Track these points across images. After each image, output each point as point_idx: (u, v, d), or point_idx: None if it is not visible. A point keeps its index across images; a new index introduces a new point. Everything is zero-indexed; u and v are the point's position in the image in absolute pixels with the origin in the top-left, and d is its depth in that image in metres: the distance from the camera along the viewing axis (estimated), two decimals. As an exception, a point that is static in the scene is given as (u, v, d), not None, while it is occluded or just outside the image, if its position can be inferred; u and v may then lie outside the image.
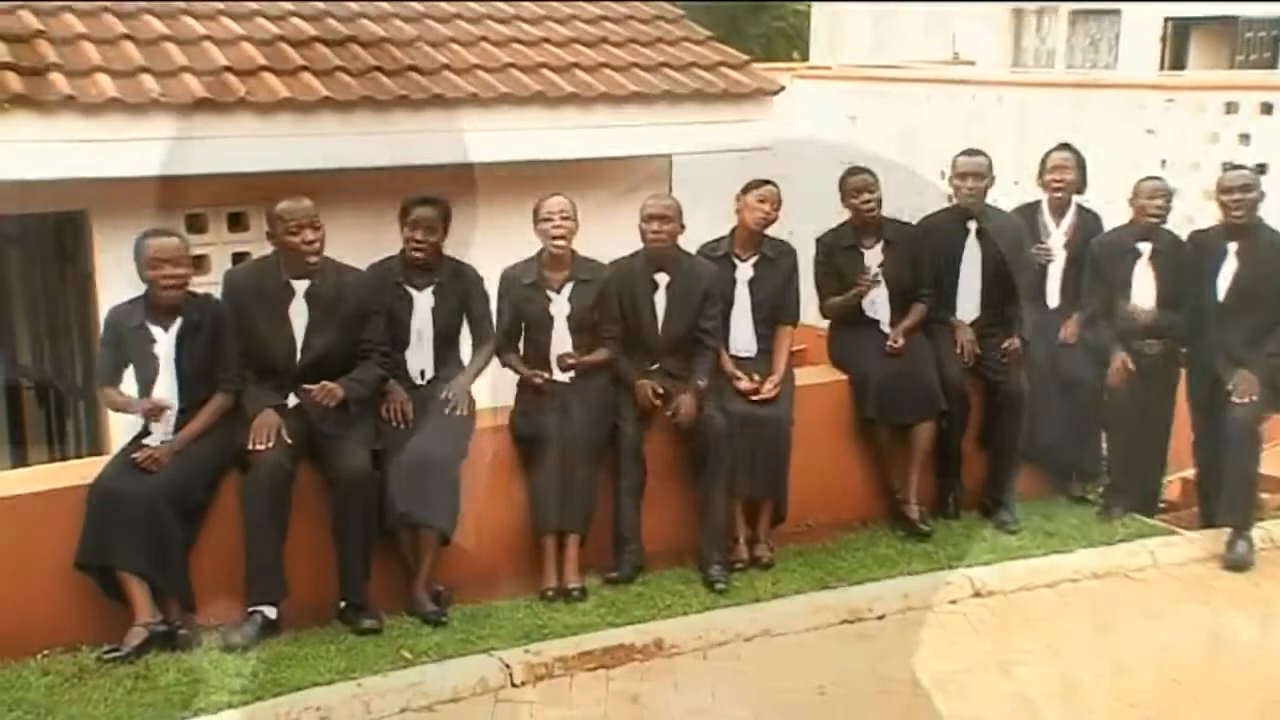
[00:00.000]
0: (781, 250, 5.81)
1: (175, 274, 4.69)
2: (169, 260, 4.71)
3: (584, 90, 6.76)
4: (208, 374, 4.81)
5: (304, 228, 4.83)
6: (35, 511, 4.60)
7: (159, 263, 4.70)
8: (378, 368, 5.00)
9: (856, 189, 5.92)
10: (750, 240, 5.75)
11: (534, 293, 5.34)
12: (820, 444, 5.85)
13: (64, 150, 5.60)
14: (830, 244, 6.04)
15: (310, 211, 4.86)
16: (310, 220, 4.84)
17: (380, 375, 4.99)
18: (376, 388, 4.98)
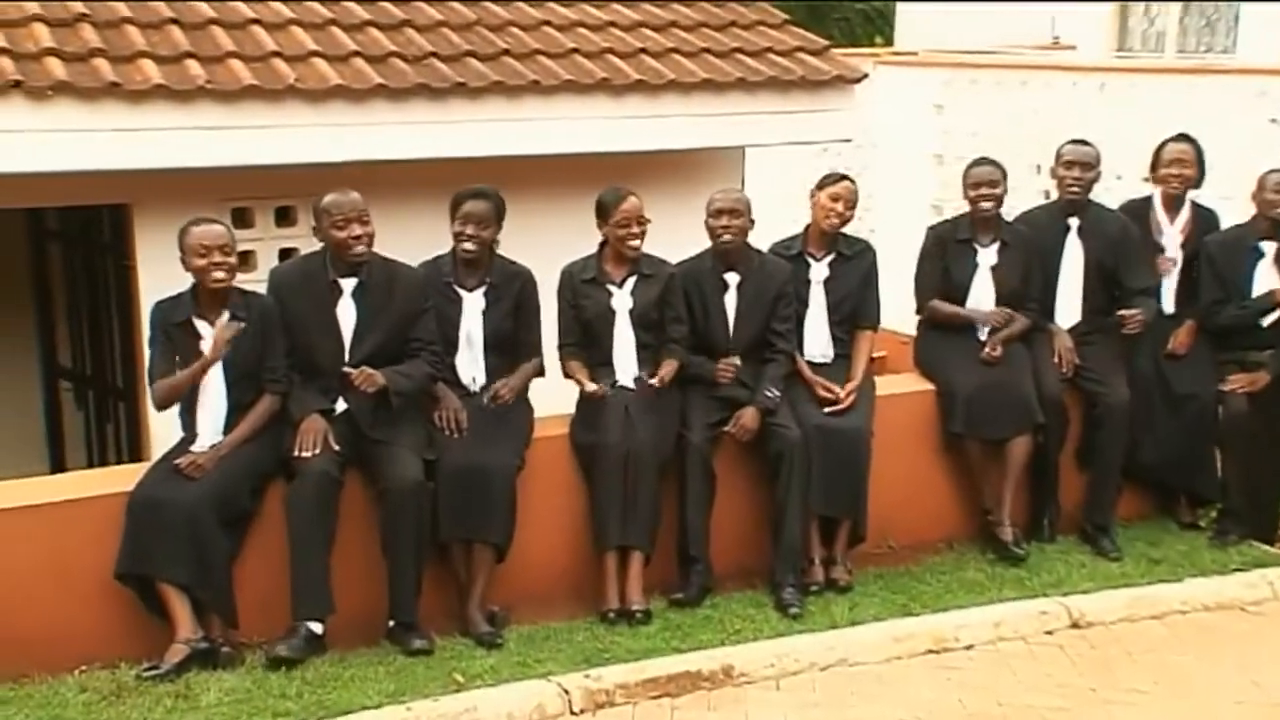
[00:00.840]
0: (859, 249, 5.79)
1: (223, 262, 4.75)
2: (216, 248, 4.77)
3: (651, 77, 6.77)
4: (255, 374, 4.87)
5: (350, 222, 4.87)
6: (73, 520, 4.69)
7: (206, 249, 4.75)
8: (426, 365, 5.03)
9: (977, 182, 5.87)
10: (825, 238, 5.73)
11: (594, 288, 5.36)
12: (903, 458, 5.81)
13: (107, 140, 5.71)
14: (943, 235, 5.98)
15: (358, 205, 4.91)
16: (358, 215, 4.89)
17: (428, 372, 5.02)
18: (423, 385, 5.01)
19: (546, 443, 5.31)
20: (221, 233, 4.81)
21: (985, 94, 10.85)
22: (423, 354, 5.03)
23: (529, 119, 6.45)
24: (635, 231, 5.28)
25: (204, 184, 6.19)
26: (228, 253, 4.79)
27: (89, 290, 7.46)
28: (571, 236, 5.61)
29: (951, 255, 5.92)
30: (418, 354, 5.02)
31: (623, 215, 5.29)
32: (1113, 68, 10.66)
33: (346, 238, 4.87)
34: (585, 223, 5.46)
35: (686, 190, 6.70)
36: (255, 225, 6.58)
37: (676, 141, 6.87)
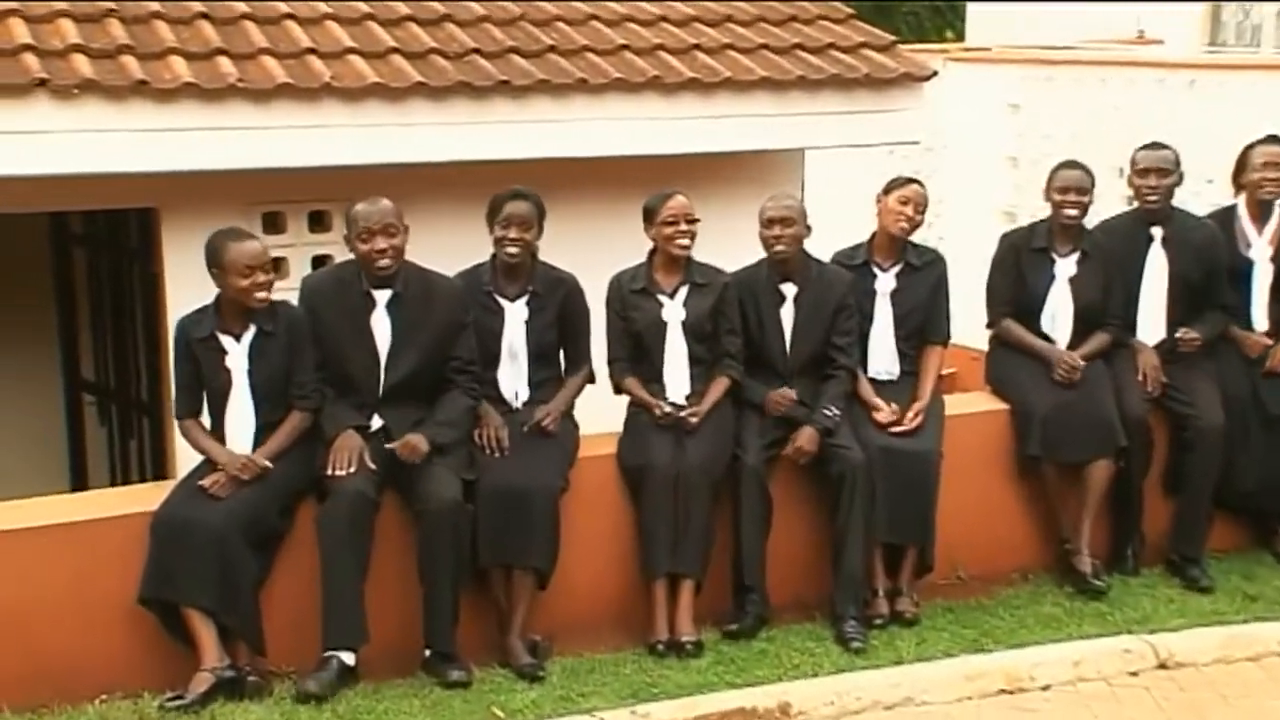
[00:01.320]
0: (929, 259, 5.76)
1: (266, 281, 4.83)
2: (259, 267, 4.84)
3: (705, 75, 6.77)
4: (283, 389, 4.91)
5: (375, 235, 4.89)
6: (95, 540, 4.73)
7: (250, 269, 4.82)
8: (466, 396, 5.05)
9: (1065, 187, 5.83)
10: (892, 247, 5.70)
11: (644, 298, 5.37)
12: (974, 482, 5.77)
13: (134, 140, 5.78)
14: (1019, 243, 5.95)
15: (386, 216, 4.92)
16: (383, 227, 4.89)
17: (470, 406, 5.05)
18: (468, 424, 5.04)
19: (592, 463, 5.31)
20: (261, 250, 4.87)
21: (1063, 92, 10.77)
22: (460, 378, 5.04)
23: (576, 119, 6.48)
24: (683, 229, 5.30)
25: (234, 187, 6.26)
26: (269, 270, 4.86)
27: (114, 298, 7.56)
28: (621, 244, 5.63)
29: (1027, 265, 5.88)
30: (456, 377, 5.04)
31: (669, 213, 5.31)
32: (1203, 64, 10.55)
33: (370, 250, 4.90)
34: (635, 229, 5.47)
35: (742, 195, 6.69)
36: (287, 231, 6.64)
37: (732, 143, 6.86)
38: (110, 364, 7.78)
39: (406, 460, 4.84)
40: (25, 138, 5.64)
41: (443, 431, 4.94)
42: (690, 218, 5.32)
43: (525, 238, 5.18)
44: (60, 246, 7.94)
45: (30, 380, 7.98)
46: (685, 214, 5.30)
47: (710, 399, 5.33)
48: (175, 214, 6.34)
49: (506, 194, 5.22)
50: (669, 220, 5.30)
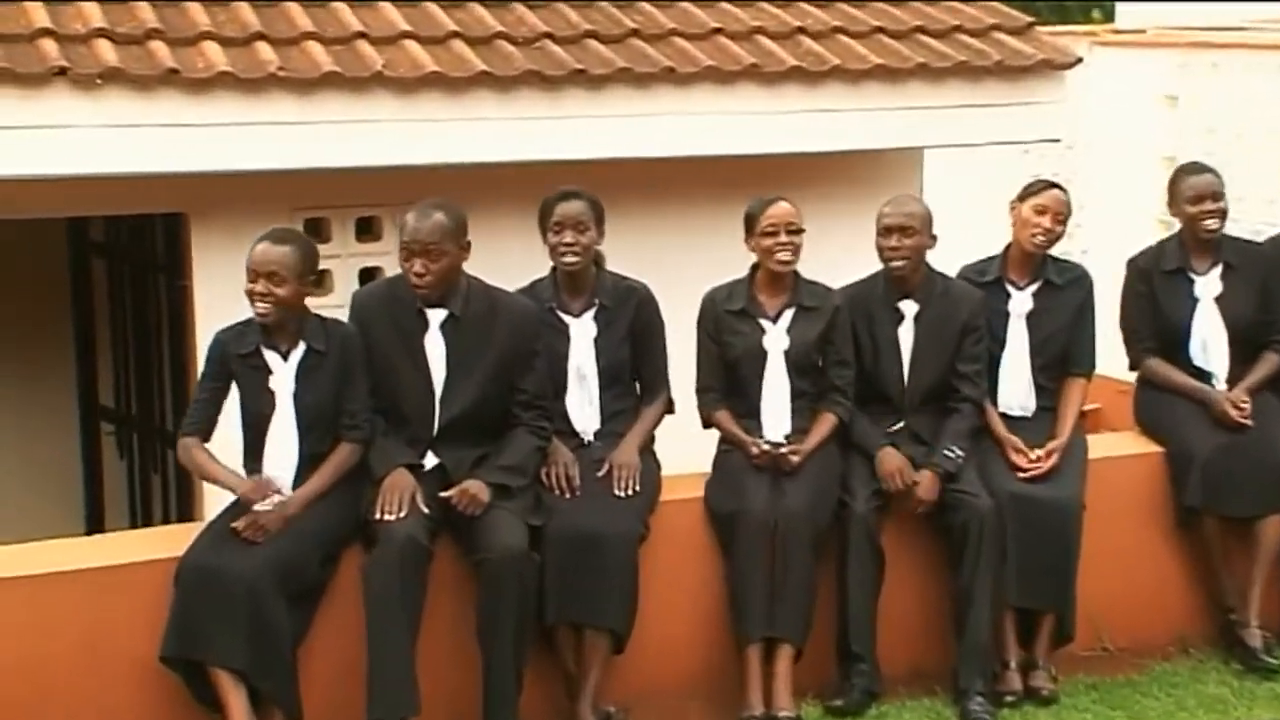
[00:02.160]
0: (1072, 276, 5.73)
1: (268, 292, 4.84)
2: (265, 275, 4.85)
3: (811, 64, 6.77)
4: (332, 417, 4.95)
5: (414, 256, 4.92)
6: (113, 590, 4.80)
7: (253, 276, 4.85)
8: (535, 437, 5.06)
9: (1195, 195, 5.79)
10: (1029, 262, 5.67)
11: (742, 321, 5.37)
12: (1123, 538, 5.72)
13: (162, 137, 5.90)
14: (1148, 267, 5.91)
15: (431, 235, 4.90)
16: (423, 247, 4.89)
17: (536, 447, 5.07)
18: (535, 469, 5.06)
19: (676, 507, 5.31)
20: (273, 255, 4.86)
21: (1230, 80, 10.63)
22: (527, 414, 5.06)
23: (662, 114, 6.51)
24: (784, 241, 5.30)
25: (273, 190, 6.35)
26: (277, 280, 4.84)
27: (137, 315, 7.69)
28: (712, 257, 5.64)
29: (1162, 291, 5.85)
30: (521, 413, 5.05)
31: (769, 222, 5.31)
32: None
33: (409, 272, 4.94)
34: (727, 241, 5.47)
35: (853, 201, 6.69)
36: (332, 239, 6.72)
37: (841, 141, 6.86)
38: (132, 389, 7.90)
39: (465, 511, 4.85)
40: (41, 133, 5.77)
41: (507, 477, 4.96)
42: (793, 227, 5.32)
43: (582, 241, 5.19)
44: (78, 256, 8.10)
45: (42, 405, 8.13)
46: (787, 223, 5.30)
47: (815, 438, 5.32)
48: (206, 220, 6.46)
49: (556, 194, 5.26)
50: (768, 230, 5.31)
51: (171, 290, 6.96)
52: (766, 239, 5.31)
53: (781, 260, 5.31)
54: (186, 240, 6.56)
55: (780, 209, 5.32)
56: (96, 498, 8.20)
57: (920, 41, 7.08)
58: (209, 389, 4.96)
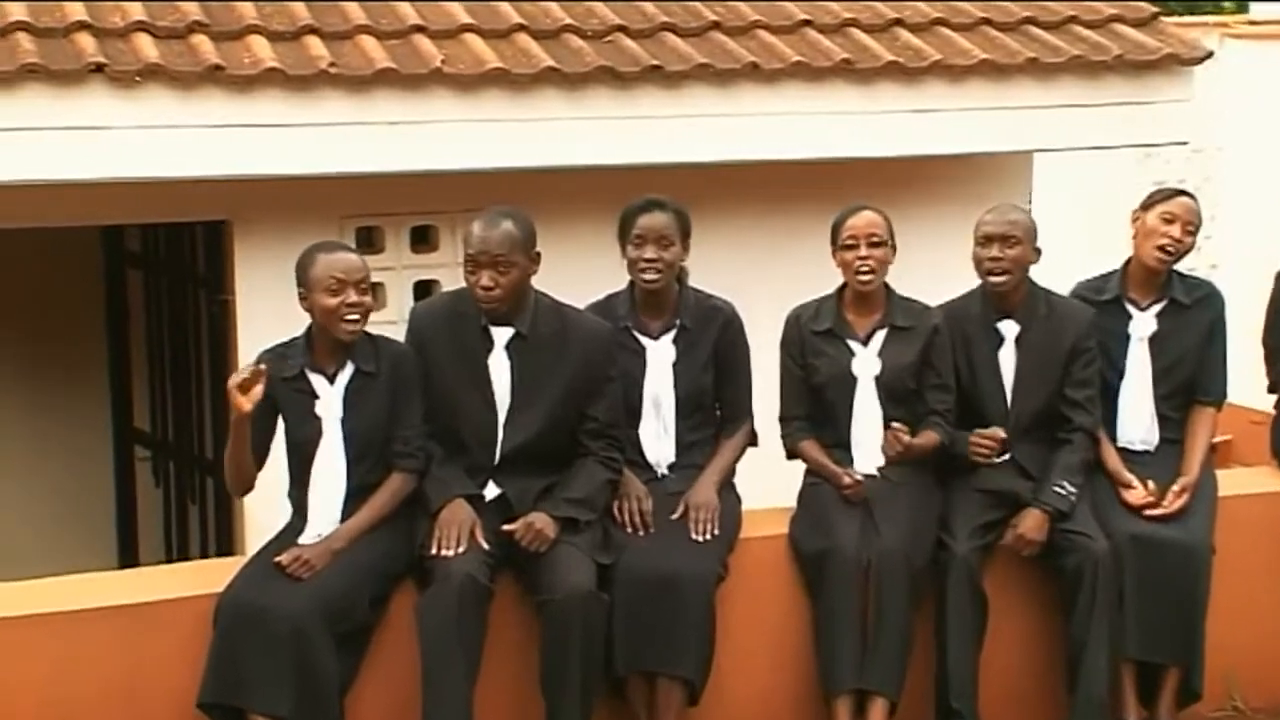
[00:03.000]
0: (1200, 294, 5.69)
1: (359, 303, 4.88)
2: (354, 283, 4.88)
3: (909, 59, 6.79)
4: (383, 445, 4.98)
5: (481, 269, 4.92)
6: (147, 628, 4.85)
7: (342, 285, 4.86)
8: (605, 468, 5.07)
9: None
10: (1152, 278, 5.63)
11: (829, 343, 5.38)
12: (1256, 585, 5.68)
13: (204, 138, 6.00)
14: None
15: (499, 246, 4.91)
16: (491, 259, 4.90)
17: (606, 480, 5.09)
18: (605, 503, 5.09)
19: (757, 545, 5.31)
20: (356, 263, 4.93)
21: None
22: (596, 444, 5.08)
23: (745, 114, 6.54)
24: (863, 255, 5.27)
25: (323, 196, 6.44)
26: (364, 289, 4.91)
27: (175, 331, 7.80)
28: (802, 272, 5.62)
29: None
30: (591, 443, 5.07)
31: (848, 233, 5.30)
32: None
33: (474, 284, 4.97)
34: (821, 253, 5.46)
35: (954, 210, 6.67)
36: (385, 250, 6.81)
37: (941, 144, 6.87)
38: (169, 412, 8.00)
39: (530, 548, 4.89)
40: (75, 135, 5.89)
41: (575, 511, 4.98)
42: (875, 239, 5.29)
43: (665, 257, 5.20)
44: (113, 268, 8.24)
45: (73, 429, 8.27)
46: (869, 234, 5.29)
47: (921, 440, 5.28)
48: (251, 229, 6.56)
49: (638, 204, 5.26)
50: (847, 242, 5.30)
51: (212, 305, 7.07)
52: (847, 252, 5.31)
53: (860, 279, 5.31)
54: (229, 251, 6.67)
55: (861, 219, 5.31)
56: (130, 528, 8.32)
57: (1030, 34, 7.07)
58: (256, 415, 4.92)
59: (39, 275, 8.02)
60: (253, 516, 6.26)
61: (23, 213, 6.30)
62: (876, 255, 5.28)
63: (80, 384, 8.23)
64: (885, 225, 5.33)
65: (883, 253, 5.30)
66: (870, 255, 5.27)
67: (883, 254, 5.30)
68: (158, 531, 8.11)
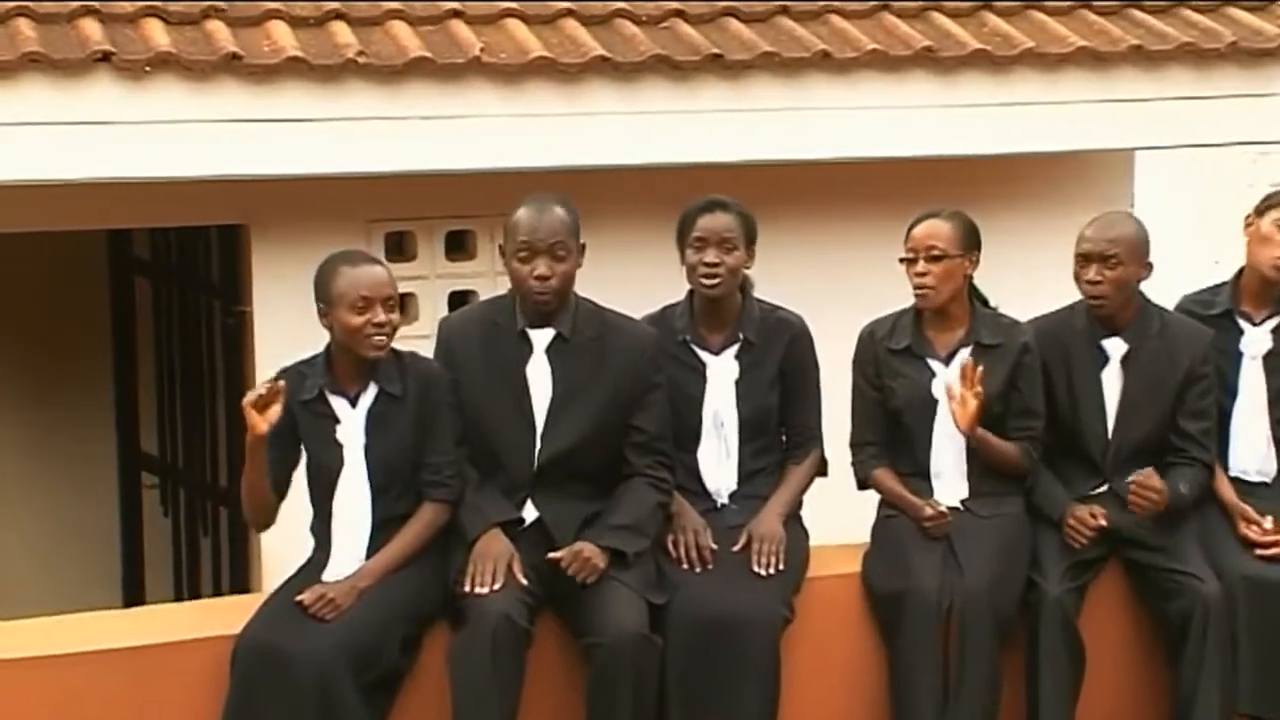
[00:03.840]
0: (1324, 308, 5.64)
1: (387, 321, 4.89)
2: (382, 300, 4.89)
3: (998, 47, 6.78)
4: (412, 472, 4.99)
5: (538, 255, 4.95)
6: (155, 673, 4.85)
7: (368, 304, 4.87)
8: (655, 490, 5.07)
9: None
10: (1267, 289, 5.61)
11: (907, 363, 5.37)
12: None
13: (220, 135, 6.04)
14: None
15: (556, 232, 4.95)
16: (549, 245, 4.93)
17: (659, 503, 5.09)
18: (657, 529, 5.09)
19: (827, 585, 5.30)
20: (384, 278, 4.93)
21: None
22: (643, 460, 5.08)
23: (815, 108, 6.56)
24: (921, 270, 5.28)
25: (349, 198, 6.49)
26: (392, 306, 4.91)
27: (187, 345, 7.83)
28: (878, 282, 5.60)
29: None
30: (637, 459, 5.08)
31: (908, 245, 5.32)
32: None
33: (528, 275, 4.97)
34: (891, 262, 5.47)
35: (1047, 213, 6.67)
36: (417, 257, 6.83)
37: (1034, 142, 6.87)
38: (179, 434, 8.04)
39: (578, 578, 4.88)
40: (79, 131, 5.94)
41: (623, 540, 4.97)
42: (934, 251, 5.26)
43: (728, 262, 5.19)
44: (120, 276, 8.29)
45: (75, 452, 8.32)
46: (927, 245, 5.27)
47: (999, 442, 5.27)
48: (271, 234, 6.60)
49: (699, 204, 5.27)
50: (908, 255, 5.31)
51: (227, 317, 7.10)
52: (908, 266, 5.32)
53: (917, 293, 5.30)
54: (246, 258, 6.72)
55: (921, 230, 5.30)
56: (136, 562, 8.37)
57: (1134, 19, 7.05)
58: (275, 442, 4.94)
59: (39, 284, 8.07)
60: (271, 551, 6.28)
61: (21, 216, 6.36)
62: (935, 271, 5.26)
63: (82, 403, 8.28)
64: (952, 235, 5.30)
65: (943, 268, 5.27)
66: (928, 271, 5.27)
67: (943, 269, 5.27)
68: (166, 566, 8.15)
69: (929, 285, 5.27)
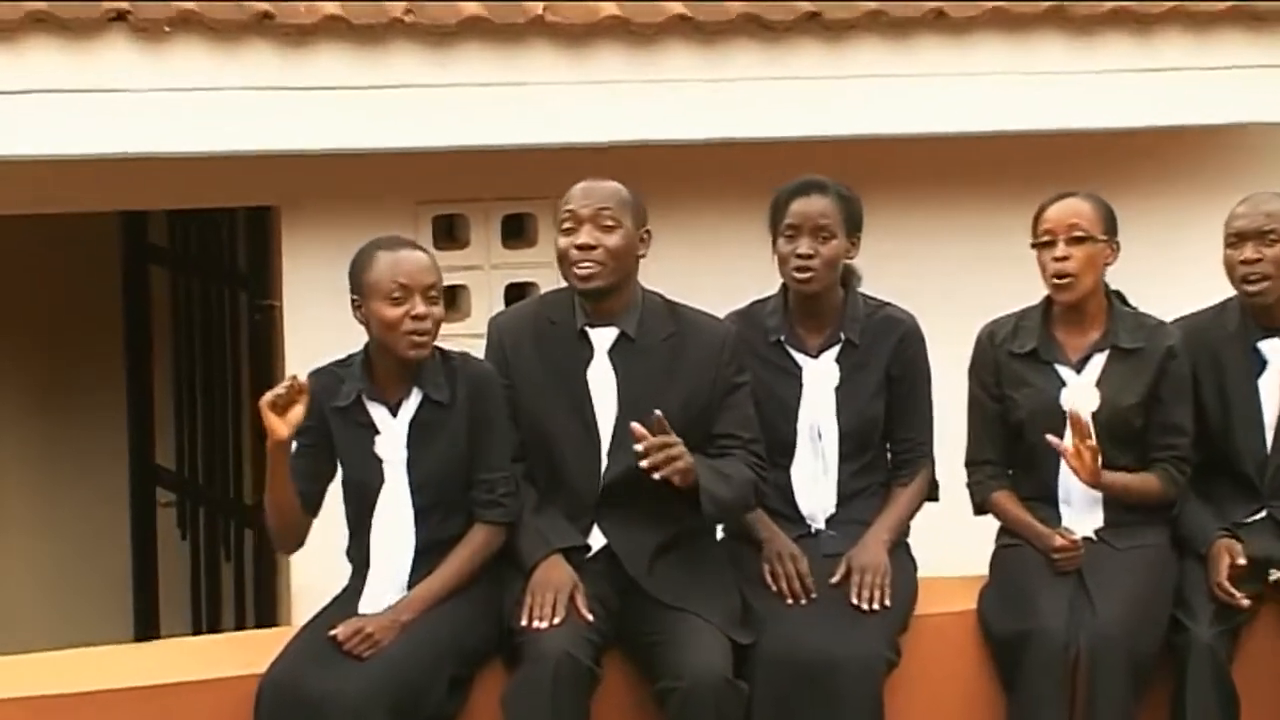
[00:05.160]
0: None
1: (427, 315, 4.87)
2: (422, 290, 4.89)
3: (1138, 2, 6.76)
4: (461, 491, 4.99)
5: (582, 224, 4.93)
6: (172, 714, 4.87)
7: (406, 293, 4.87)
8: (747, 468, 5.06)
9: None
10: None
11: (1033, 369, 5.36)
12: None
13: (248, 104, 6.10)
14: None
15: (604, 198, 4.95)
16: (595, 213, 4.93)
17: (750, 480, 5.06)
18: (745, 502, 5.08)
19: (937, 623, 5.31)
20: (426, 264, 4.92)
21: None
22: (736, 454, 5.08)
23: (925, 74, 6.60)
24: (1060, 255, 5.24)
25: (393, 177, 6.55)
26: (435, 298, 4.90)
27: (208, 344, 7.88)
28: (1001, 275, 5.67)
29: None
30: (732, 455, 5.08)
31: (1043, 227, 5.31)
32: None
33: (569, 247, 4.96)
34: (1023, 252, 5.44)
35: (1198, 196, 6.60)
36: (470, 244, 6.89)
37: (1182, 113, 6.88)
38: (199, 445, 8.09)
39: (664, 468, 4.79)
40: (91, 99, 6.00)
41: (716, 484, 4.92)
42: (1077, 233, 5.25)
43: (823, 253, 5.17)
44: (134, 265, 8.36)
45: (83, 466, 8.40)
46: (1069, 225, 5.24)
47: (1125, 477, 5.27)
48: (304, 218, 6.66)
49: (792, 186, 5.25)
50: (1043, 238, 5.30)
51: (255, 312, 7.15)
52: (1043, 251, 5.29)
53: (1055, 282, 5.27)
54: (276, 245, 6.78)
55: (1059, 209, 5.28)
56: (149, 590, 8.43)
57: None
58: (306, 452, 4.97)
59: (44, 274, 8.12)
60: (301, 578, 6.35)
61: (24, 196, 6.43)
62: (1078, 255, 5.24)
63: (90, 409, 8.35)
64: (1095, 216, 5.29)
65: (1086, 252, 5.25)
66: (1069, 255, 5.23)
67: (1086, 254, 5.25)
68: (184, 594, 8.21)
69: (1070, 271, 5.23)
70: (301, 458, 4.94)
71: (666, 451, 4.82)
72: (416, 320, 4.85)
